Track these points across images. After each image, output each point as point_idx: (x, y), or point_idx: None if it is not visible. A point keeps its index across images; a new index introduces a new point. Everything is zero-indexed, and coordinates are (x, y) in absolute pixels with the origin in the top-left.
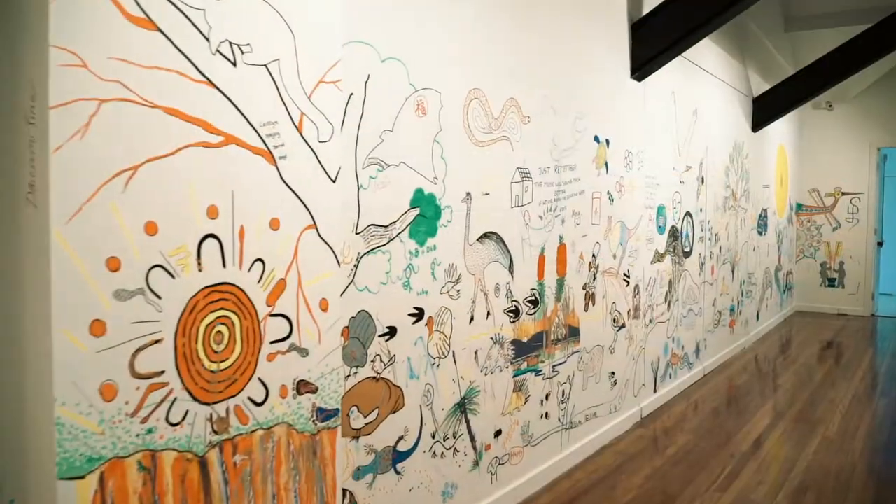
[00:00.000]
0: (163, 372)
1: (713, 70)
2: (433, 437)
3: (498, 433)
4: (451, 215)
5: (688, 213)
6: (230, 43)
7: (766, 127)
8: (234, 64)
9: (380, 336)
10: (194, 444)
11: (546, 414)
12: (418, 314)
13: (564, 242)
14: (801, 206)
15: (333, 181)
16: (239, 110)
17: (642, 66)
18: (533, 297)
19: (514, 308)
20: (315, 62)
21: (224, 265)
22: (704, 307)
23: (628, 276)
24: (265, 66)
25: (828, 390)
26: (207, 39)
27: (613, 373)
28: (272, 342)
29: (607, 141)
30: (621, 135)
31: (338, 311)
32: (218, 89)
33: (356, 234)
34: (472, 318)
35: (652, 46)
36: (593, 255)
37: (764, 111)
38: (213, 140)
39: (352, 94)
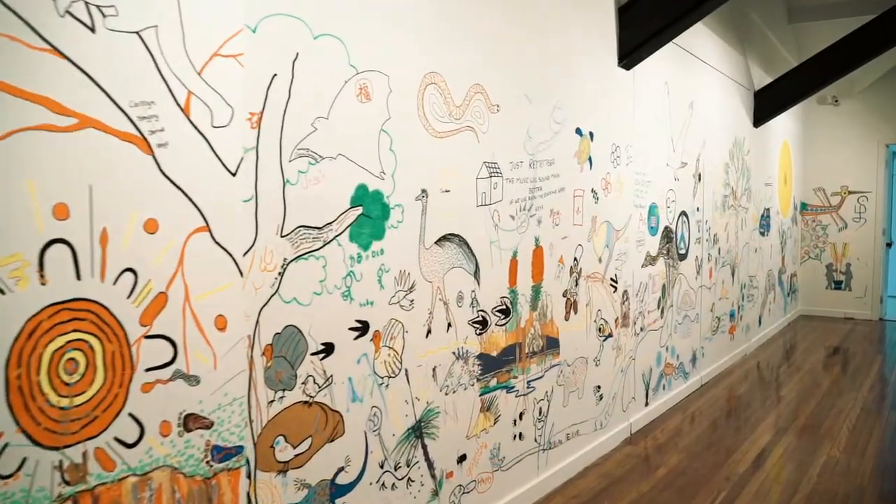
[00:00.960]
0: None
1: (711, 61)
2: (382, 467)
3: (462, 458)
4: (402, 215)
5: (683, 213)
6: (87, 3)
7: (769, 122)
8: (93, 29)
9: (313, 354)
10: (35, 499)
11: (520, 434)
12: (362, 328)
13: (541, 245)
14: (806, 206)
15: (233, 174)
16: (100, 87)
17: (630, 52)
18: (503, 307)
19: (480, 319)
20: (207, 31)
21: (79, 277)
22: (702, 313)
23: (615, 281)
24: (137, 33)
25: (834, 401)
26: None
27: (599, 386)
28: (149, 369)
29: (591, 134)
30: (607, 127)
31: (242, 330)
32: (69, 60)
33: (282, 237)
34: (429, 331)
35: (641, 31)
36: (575, 259)
37: (766, 105)
38: (61, 122)
39: (275, 74)
